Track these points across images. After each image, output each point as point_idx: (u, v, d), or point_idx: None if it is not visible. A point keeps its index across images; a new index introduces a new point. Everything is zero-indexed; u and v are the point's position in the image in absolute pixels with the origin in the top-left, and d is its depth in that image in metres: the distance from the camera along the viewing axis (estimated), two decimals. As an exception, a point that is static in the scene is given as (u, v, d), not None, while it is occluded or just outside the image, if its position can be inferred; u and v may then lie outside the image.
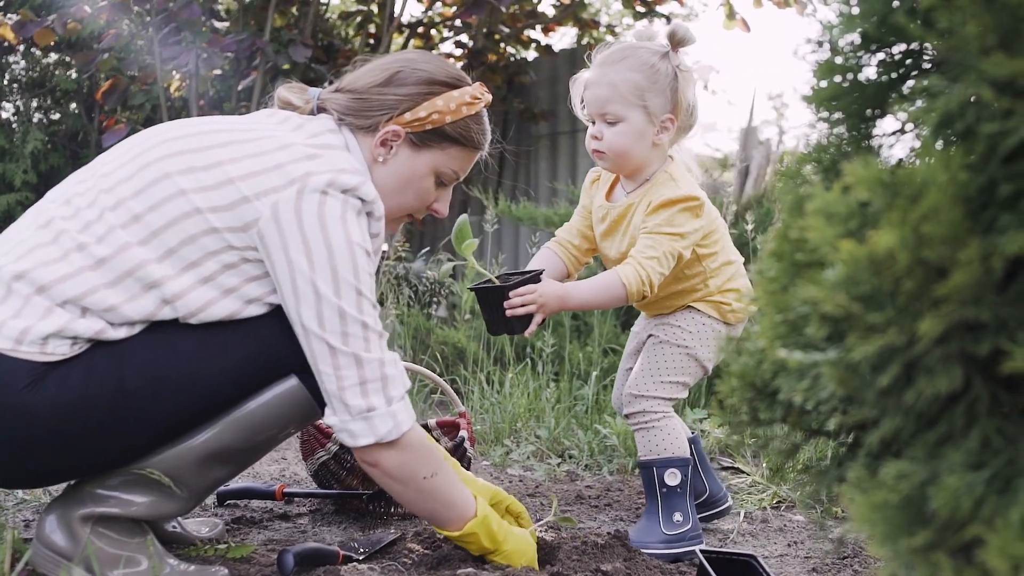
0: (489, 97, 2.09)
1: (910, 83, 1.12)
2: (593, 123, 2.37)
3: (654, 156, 2.39)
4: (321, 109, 2.02)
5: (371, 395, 1.78)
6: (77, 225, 1.79)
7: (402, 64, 2.02)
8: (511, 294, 2.24)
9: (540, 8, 7.50)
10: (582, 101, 2.40)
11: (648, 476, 2.37)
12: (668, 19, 7.64)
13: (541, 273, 2.32)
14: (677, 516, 2.34)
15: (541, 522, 2.26)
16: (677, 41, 2.34)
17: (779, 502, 2.84)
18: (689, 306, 2.44)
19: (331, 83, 2.09)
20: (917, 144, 1.09)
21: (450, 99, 2.00)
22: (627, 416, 2.43)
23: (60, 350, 1.73)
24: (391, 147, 1.99)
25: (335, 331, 1.76)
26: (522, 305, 2.24)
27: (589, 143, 2.39)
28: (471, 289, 2.39)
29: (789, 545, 2.45)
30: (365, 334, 1.78)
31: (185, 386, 1.79)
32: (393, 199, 2.02)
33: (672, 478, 2.35)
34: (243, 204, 1.78)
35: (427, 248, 6.18)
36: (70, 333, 1.73)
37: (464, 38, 7.50)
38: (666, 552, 2.29)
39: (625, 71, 2.30)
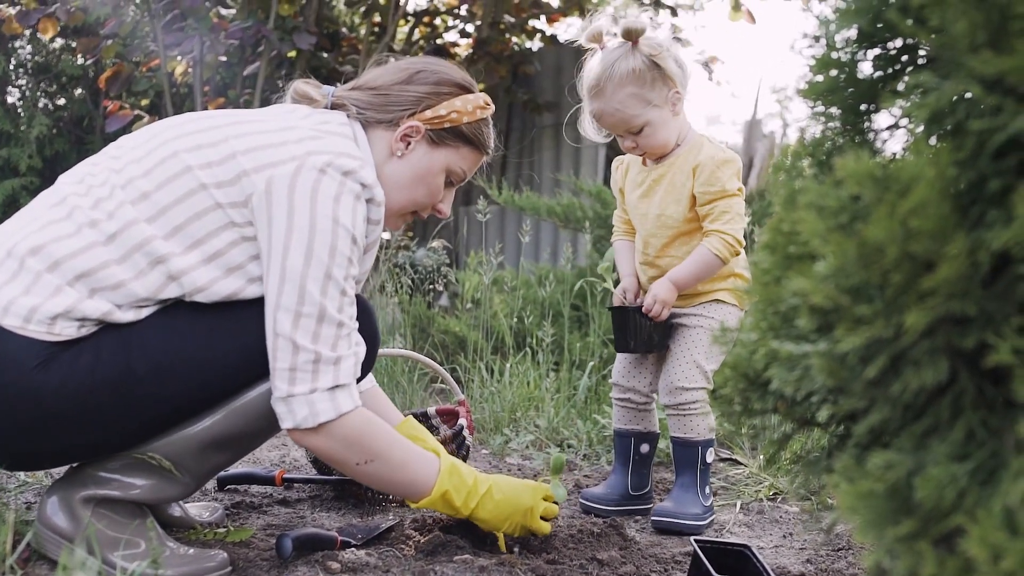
0: (493, 107, 2.17)
1: (906, 79, 1.13)
2: (621, 137, 2.56)
3: (681, 126, 2.59)
4: (336, 106, 2.05)
5: (297, 383, 1.78)
6: (89, 202, 1.83)
7: (422, 65, 2.10)
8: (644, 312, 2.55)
9: (545, -2, 7.50)
10: (600, 131, 2.60)
11: (691, 454, 2.54)
12: (674, 11, 7.64)
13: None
14: (708, 490, 2.54)
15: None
16: (634, 36, 2.47)
17: (775, 493, 2.85)
18: (716, 299, 2.60)
19: (337, 70, 2.15)
20: (910, 139, 1.10)
21: (467, 101, 2.08)
22: (673, 405, 2.55)
23: (67, 331, 1.75)
24: (409, 142, 2.05)
25: (289, 310, 1.77)
26: (652, 314, 2.53)
27: (630, 151, 2.59)
28: (608, 310, 2.75)
29: (784, 536, 2.46)
30: (317, 326, 1.78)
31: (190, 373, 1.82)
32: (405, 193, 2.07)
33: (710, 456, 2.57)
34: (243, 178, 1.82)
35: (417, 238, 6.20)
36: (78, 314, 1.75)
37: (469, 27, 7.49)
38: (700, 524, 2.46)
39: (619, 91, 2.46)
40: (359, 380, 2.02)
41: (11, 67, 7.87)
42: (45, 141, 7.57)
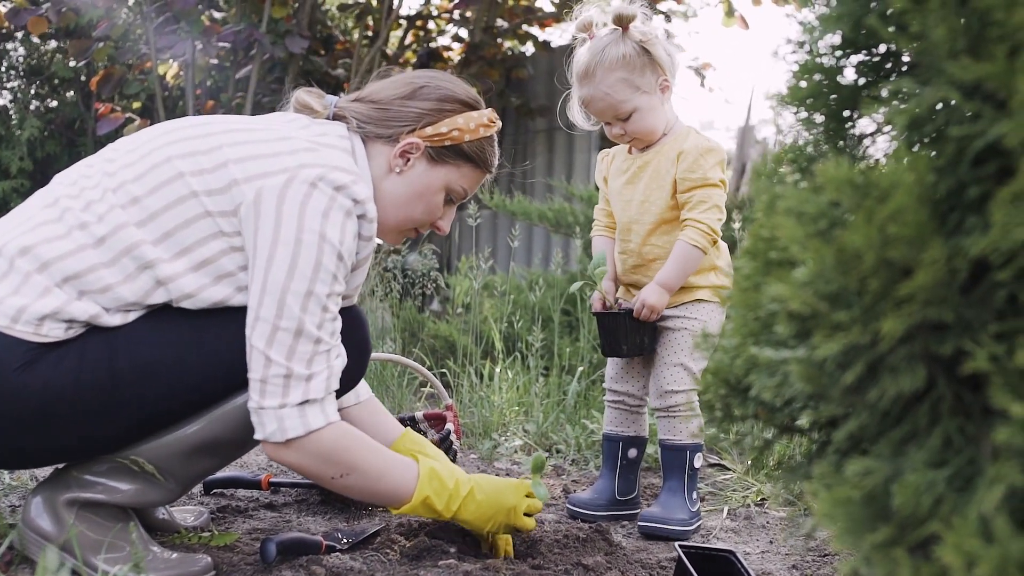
0: (500, 124, 2.15)
1: (890, 85, 1.13)
2: (608, 124, 2.56)
3: (668, 114, 2.61)
4: (338, 117, 2.04)
5: (267, 396, 1.76)
6: (81, 204, 1.82)
7: (426, 80, 2.07)
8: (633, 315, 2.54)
9: (538, 3, 7.50)
10: (589, 118, 2.61)
11: (679, 458, 2.55)
12: (667, 16, 7.64)
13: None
14: (695, 495, 2.54)
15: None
16: (625, 22, 2.50)
17: (763, 499, 2.85)
18: (698, 299, 2.59)
19: (329, 74, 2.13)
20: (892, 145, 1.10)
21: (470, 118, 2.05)
22: (663, 408, 2.57)
23: (54, 333, 1.75)
24: (408, 159, 2.02)
25: (267, 322, 1.75)
26: (642, 318, 2.53)
27: (617, 138, 2.60)
28: (595, 314, 2.69)
29: (771, 542, 2.46)
30: (294, 341, 1.76)
31: (175, 377, 1.81)
32: (402, 210, 2.04)
33: (698, 460, 2.57)
34: (233, 187, 1.80)
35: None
36: (66, 316, 1.75)
37: (462, 32, 7.50)
38: (687, 530, 2.46)
39: (607, 76, 2.47)
40: (345, 392, 2.01)
41: (3, 69, 7.86)
42: (36, 143, 7.56)
